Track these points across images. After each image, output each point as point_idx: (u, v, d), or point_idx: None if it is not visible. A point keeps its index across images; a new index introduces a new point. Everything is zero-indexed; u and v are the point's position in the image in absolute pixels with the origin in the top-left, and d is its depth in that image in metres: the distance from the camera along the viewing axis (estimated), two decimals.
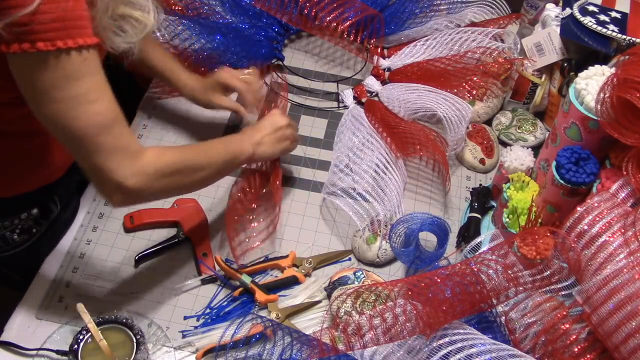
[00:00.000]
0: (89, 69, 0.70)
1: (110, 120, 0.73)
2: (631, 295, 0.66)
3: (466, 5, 1.37)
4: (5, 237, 0.97)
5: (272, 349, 0.81)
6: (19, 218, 0.97)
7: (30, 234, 0.99)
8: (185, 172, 0.84)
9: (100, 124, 0.72)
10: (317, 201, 1.10)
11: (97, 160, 0.73)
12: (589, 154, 0.88)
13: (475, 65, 1.23)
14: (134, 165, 0.75)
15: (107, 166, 0.73)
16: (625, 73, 0.79)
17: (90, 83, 0.70)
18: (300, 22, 1.28)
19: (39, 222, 1.00)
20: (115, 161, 0.74)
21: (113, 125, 0.73)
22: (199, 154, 0.88)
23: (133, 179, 0.75)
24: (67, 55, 0.67)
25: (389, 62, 1.30)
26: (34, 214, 0.98)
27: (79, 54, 0.68)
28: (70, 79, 0.68)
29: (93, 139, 0.72)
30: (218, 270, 0.98)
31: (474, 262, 0.79)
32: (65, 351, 0.86)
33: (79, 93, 0.69)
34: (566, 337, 0.74)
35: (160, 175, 0.79)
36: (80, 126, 0.70)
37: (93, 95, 0.71)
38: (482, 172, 1.17)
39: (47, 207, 1.00)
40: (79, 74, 0.69)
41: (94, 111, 0.71)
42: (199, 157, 0.87)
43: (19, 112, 0.81)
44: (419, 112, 1.18)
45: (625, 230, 0.74)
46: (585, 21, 1.12)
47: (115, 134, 0.73)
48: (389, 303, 0.82)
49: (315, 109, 1.27)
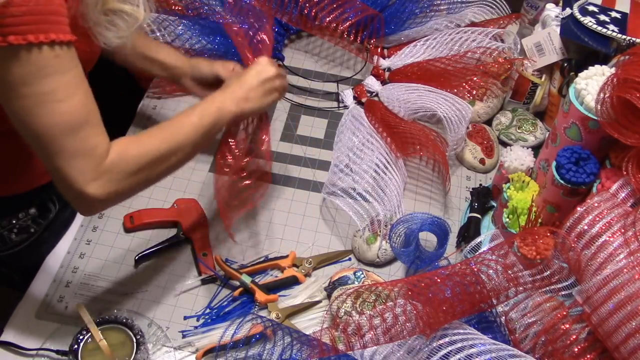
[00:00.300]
0: (61, 66, 0.68)
1: (76, 121, 0.70)
2: (631, 295, 0.66)
3: (466, 5, 1.37)
4: (3, 237, 0.97)
5: (272, 349, 0.81)
6: (17, 217, 0.97)
7: (28, 233, 0.99)
8: (153, 164, 0.78)
9: (65, 124, 0.69)
10: (317, 201, 1.11)
11: (58, 164, 0.70)
12: (589, 154, 0.88)
13: (475, 65, 1.23)
14: (95, 171, 0.71)
15: (67, 171, 0.70)
16: (625, 73, 0.79)
17: (60, 81, 0.68)
18: (300, 22, 1.28)
19: (37, 222, 1.00)
20: (75, 167, 0.70)
21: (80, 127, 0.70)
22: (167, 138, 0.80)
23: (94, 186, 0.72)
24: (39, 50, 0.65)
25: (389, 62, 1.30)
26: (31, 213, 0.98)
27: (51, 50, 0.66)
28: (40, 75, 0.66)
29: (55, 139, 0.69)
30: (218, 270, 0.98)
31: (474, 262, 0.79)
32: (65, 351, 0.86)
33: (46, 90, 0.67)
34: (566, 337, 0.74)
35: (125, 176, 0.75)
36: (43, 124, 0.68)
37: (61, 94, 0.68)
38: (482, 172, 1.17)
39: (45, 206, 1.00)
40: (49, 71, 0.67)
41: (60, 111, 0.68)
42: (168, 142, 0.80)
43: None
44: (419, 112, 1.18)
45: (625, 230, 0.74)
46: (585, 21, 1.12)
47: (81, 137, 0.70)
48: (389, 303, 0.82)
49: (315, 109, 1.27)
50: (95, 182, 0.72)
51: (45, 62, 0.66)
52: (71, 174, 0.70)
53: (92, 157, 0.71)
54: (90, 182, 0.71)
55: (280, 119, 1.24)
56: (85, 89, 0.72)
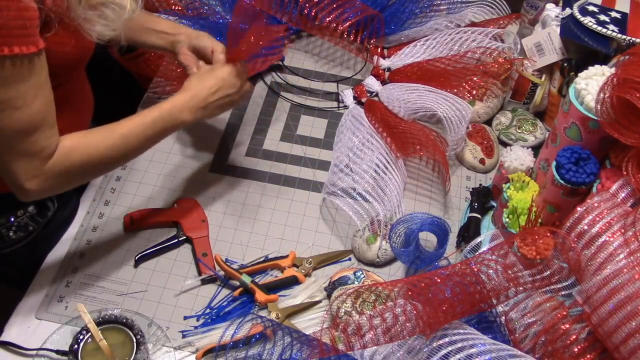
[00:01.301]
0: (22, 75, 0.70)
1: (31, 127, 0.73)
2: (631, 295, 0.66)
3: (466, 5, 1.37)
4: (1, 235, 0.97)
5: (272, 349, 0.81)
6: (15, 215, 0.97)
7: (26, 231, 0.99)
8: (95, 168, 0.83)
9: (20, 129, 0.72)
10: (317, 201, 1.11)
11: (4, 158, 0.74)
12: (589, 154, 0.88)
13: (475, 65, 1.23)
14: (37, 169, 0.76)
15: (11, 167, 0.75)
16: (625, 73, 0.79)
17: (20, 90, 0.71)
18: (300, 22, 1.28)
19: (36, 220, 1.00)
20: (20, 165, 0.75)
21: (33, 131, 0.74)
22: (117, 145, 0.83)
23: (33, 183, 0.76)
24: (2, 62, 0.67)
25: (389, 62, 1.30)
26: (30, 211, 0.98)
27: (14, 61, 0.68)
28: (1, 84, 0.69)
29: (7, 139, 0.72)
30: (218, 270, 0.98)
31: (474, 262, 0.79)
32: (65, 351, 0.86)
33: (4, 99, 0.70)
34: (566, 337, 0.74)
35: (65, 175, 0.79)
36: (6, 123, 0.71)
37: (20, 101, 0.71)
38: (482, 172, 1.17)
39: (44, 204, 1.00)
40: (10, 80, 0.69)
41: (16, 117, 0.71)
42: (117, 149, 0.83)
43: None
44: (419, 112, 1.18)
45: (625, 230, 0.74)
46: (585, 21, 1.12)
47: (32, 141, 0.74)
48: (389, 303, 0.82)
49: (315, 109, 1.27)
50: (36, 179, 0.76)
51: (7, 73, 0.69)
52: (14, 170, 0.75)
53: (38, 158, 0.76)
54: (31, 179, 0.76)
55: (280, 119, 1.24)
56: (45, 94, 0.75)
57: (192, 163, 1.15)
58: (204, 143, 1.19)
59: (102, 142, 0.82)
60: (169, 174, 1.12)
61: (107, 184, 1.10)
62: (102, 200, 1.08)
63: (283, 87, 1.30)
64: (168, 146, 1.17)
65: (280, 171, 1.15)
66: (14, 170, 0.75)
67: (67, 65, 0.85)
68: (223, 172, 1.14)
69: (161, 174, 1.12)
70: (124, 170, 1.12)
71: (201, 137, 1.19)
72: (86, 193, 1.09)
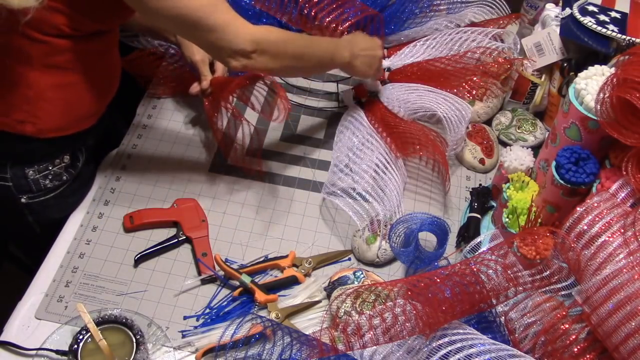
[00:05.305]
0: None
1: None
2: (631, 295, 0.66)
3: (466, 5, 1.37)
4: (37, 182, 1.00)
5: (271, 349, 0.81)
6: (53, 164, 1.00)
7: (61, 181, 1.02)
8: (289, 54, 0.94)
9: (207, 4, 0.83)
10: (317, 201, 1.11)
11: (212, 37, 0.85)
12: (588, 154, 0.88)
13: (475, 65, 1.23)
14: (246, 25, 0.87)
15: (225, 38, 0.85)
16: (625, 73, 0.79)
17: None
18: (300, 22, 1.28)
19: (69, 171, 1.03)
20: (231, 32, 0.85)
21: (217, 2, 0.85)
22: (307, 44, 0.98)
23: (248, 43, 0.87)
24: None
25: (389, 62, 1.30)
26: (65, 161, 1.02)
27: None
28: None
29: (206, 19, 0.83)
30: (218, 270, 0.98)
31: (473, 262, 0.79)
32: (65, 351, 0.87)
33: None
34: (566, 337, 0.74)
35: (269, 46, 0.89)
36: (193, 7, 0.82)
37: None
38: (482, 172, 1.17)
39: (75, 155, 1.04)
40: None
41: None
42: (307, 47, 0.97)
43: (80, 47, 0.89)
44: (419, 112, 1.18)
45: (624, 230, 0.74)
46: (585, 21, 1.12)
47: (223, 9, 0.85)
48: (389, 303, 0.82)
49: (315, 109, 1.27)
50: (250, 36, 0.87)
51: None
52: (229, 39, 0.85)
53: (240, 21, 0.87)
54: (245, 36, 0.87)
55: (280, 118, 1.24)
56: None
57: (192, 163, 1.15)
58: (204, 143, 1.19)
59: (297, 36, 1.00)
60: (168, 174, 1.12)
61: (107, 184, 1.10)
62: (102, 200, 1.08)
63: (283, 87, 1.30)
64: (168, 146, 1.17)
65: (280, 171, 1.15)
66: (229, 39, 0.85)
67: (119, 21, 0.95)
68: (223, 172, 1.14)
69: (161, 174, 1.12)
70: (124, 170, 1.12)
71: (201, 137, 1.19)
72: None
